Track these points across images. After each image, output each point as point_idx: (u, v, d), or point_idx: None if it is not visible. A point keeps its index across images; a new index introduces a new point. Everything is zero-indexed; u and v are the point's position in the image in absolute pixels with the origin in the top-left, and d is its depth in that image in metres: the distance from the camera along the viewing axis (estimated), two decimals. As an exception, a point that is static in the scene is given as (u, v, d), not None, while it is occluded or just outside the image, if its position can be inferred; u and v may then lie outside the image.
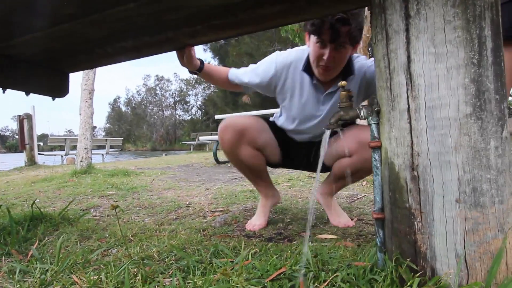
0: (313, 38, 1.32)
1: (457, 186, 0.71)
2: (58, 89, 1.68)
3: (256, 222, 1.65)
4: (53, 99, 1.74)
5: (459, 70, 0.70)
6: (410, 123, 0.76)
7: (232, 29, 1.24)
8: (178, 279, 0.95)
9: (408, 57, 0.75)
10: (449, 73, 0.71)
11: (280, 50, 1.70)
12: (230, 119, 1.52)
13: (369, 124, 0.88)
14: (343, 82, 0.88)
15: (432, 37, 0.72)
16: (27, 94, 1.61)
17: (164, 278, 1.00)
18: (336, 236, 1.45)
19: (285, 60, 1.48)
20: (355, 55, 1.47)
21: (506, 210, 0.71)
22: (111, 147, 12.72)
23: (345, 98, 0.90)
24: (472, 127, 0.70)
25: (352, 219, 1.75)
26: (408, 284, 0.74)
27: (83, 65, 1.71)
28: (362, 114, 0.88)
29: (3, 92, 1.59)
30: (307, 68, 1.44)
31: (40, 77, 1.61)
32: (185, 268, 1.06)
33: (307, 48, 1.45)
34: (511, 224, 0.71)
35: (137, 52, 1.47)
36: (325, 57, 1.28)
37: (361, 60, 1.47)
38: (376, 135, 0.87)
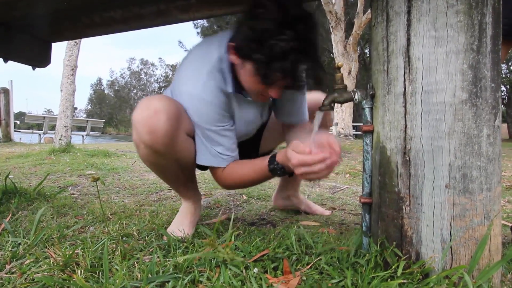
0: (251, 69, 0.91)
1: (448, 171, 0.71)
2: (40, 58, 1.60)
3: (181, 229, 1.20)
4: (33, 69, 1.65)
5: (458, 55, 0.70)
6: (405, 107, 0.75)
7: (228, 5, 1.21)
8: (158, 257, 0.92)
9: (408, 39, 0.74)
10: (448, 57, 0.70)
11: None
12: (155, 101, 1.01)
13: (363, 108, 0.87)
14: (340, 63, 0.87)
15: (434, 20, 0.71)
16: (5, 60, 1.53)
17: (144, 255, 0.97)
18: (319, 223, 1.45)
19: (212, 88, 1.03)
20: None
21: (493, 198, 0.71)
22: (92, 129, 12.40)
23: (340, 80, 0.88)
24: (467, 113, 0.70)
25: (335, 208, 1.76)
26: (393, 267, 0.74)
27: (67, 34, 1.63)
28: (356, 97, 0.87)
29: (-21, 56, 1.50)
30: (237, 87, 1.05)
31: (21, 44, 1.53)
32: (166, 247, 1.04)
33: (215, 52, 1.02)
34: (497, 212, 0.71)
35: (126, 24, 1.41)
36: (270, 95, 0.98)
37: None
38: (369, 119, 0.86)
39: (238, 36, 0.91)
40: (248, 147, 1.30)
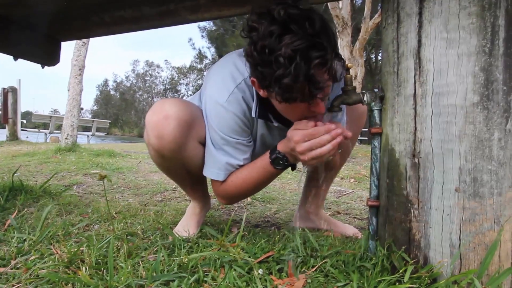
0: (276, 95, 0.85)
1: (458, 175, 0.70)
2: (49, 56, 1.61)
3: (187, 229, 1.21)
4: (43, 67, 1.67)
5: (470, 57, 0.69)
6: (415, 109, 0.74)
7: (237, 6, 1.21)
8: (163, 256, 0.92)
9: (419, 41, 0.73)
10: (460, 60, 0.70)
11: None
12: (167, 105, 1.00)
13: (371, 110, 0.86)
14: (350, 64, 0.86)
15: (446, 22, 0.70)
16: (15, 58, 1.54)
17: (148, 254, 0.96)
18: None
19: (238, 104, 1.00)
20: None
21: (503, 203, 0.70)
22: (98, 129, 12.48)
23: (349, 81, 0.88)
24: (478, 116, 0.69)
25: (340, 213, 1.75)
26: (400, 271, 0.73)
27: (77, 33, 1.65)
28: (365, 99, 0.86)
29: (-10, 54, 1.51)
30: (262, 114, 1.02)
31: (31, 42, 1.54)
32: (171, 246, 1.03)
33: (242, 69, 0.98)
34: (507, 217, 0.70)
35: (135, 23, 1.42)
36: (314, 111, 0.90)
37: None
38: (377, 121, 0.85)
39: (251, 69, 0.87)
40: None
